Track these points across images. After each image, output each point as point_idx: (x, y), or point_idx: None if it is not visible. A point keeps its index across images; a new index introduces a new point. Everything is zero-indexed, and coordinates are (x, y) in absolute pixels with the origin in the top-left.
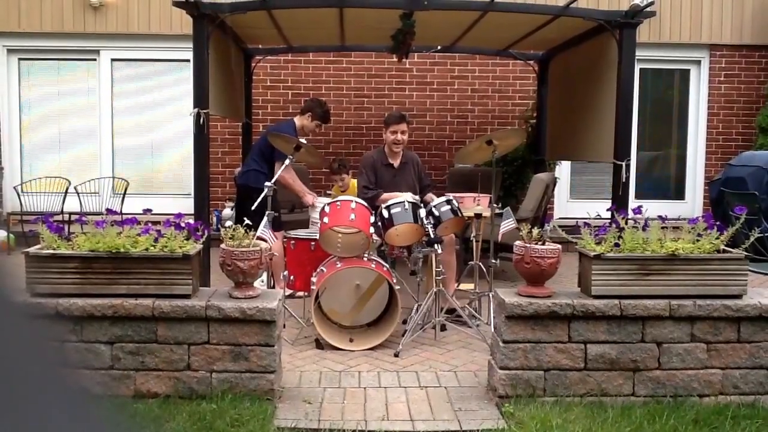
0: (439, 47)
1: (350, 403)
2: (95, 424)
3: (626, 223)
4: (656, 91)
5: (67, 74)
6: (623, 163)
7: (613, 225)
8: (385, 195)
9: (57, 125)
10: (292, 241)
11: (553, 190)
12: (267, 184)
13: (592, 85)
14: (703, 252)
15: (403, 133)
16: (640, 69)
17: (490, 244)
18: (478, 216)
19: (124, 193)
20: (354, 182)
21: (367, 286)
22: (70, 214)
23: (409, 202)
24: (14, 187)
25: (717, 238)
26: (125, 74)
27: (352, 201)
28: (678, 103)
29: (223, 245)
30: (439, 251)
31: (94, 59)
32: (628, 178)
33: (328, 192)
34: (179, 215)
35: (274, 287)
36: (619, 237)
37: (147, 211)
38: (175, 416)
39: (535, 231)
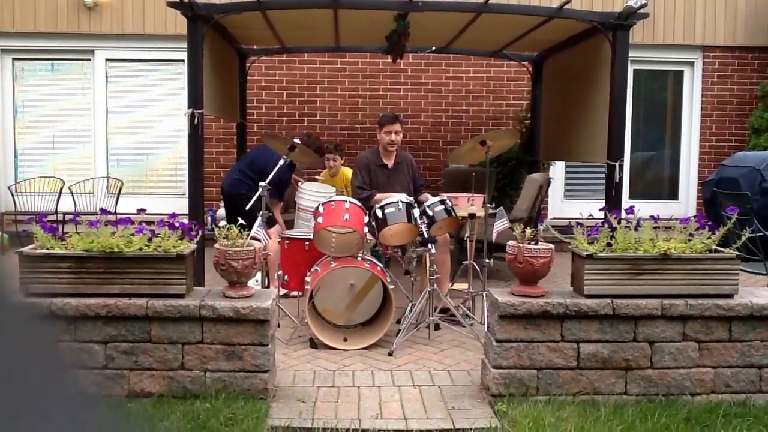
0: (433, 48)
1: (344, 402)
2: (93, 425)
3: (619, 223)
4: (650, 92)
5: (62, 74)
6: (616, 164)
7: (606, 225)
8: (378, 195)
9: (51, 125)
10: (287, 241)
11: (547, 190)
12: (261, 184)
13: (586, 86)
14: (694, 252)
15: (397, 133)
16: (634, 70)
17: (484, 244)
18: (472, 216)
19: (119, 193)
20: (345, 171)
21: (361, 285)
22: (65, 214)
23: (403, 202)
24: (8, 187)
25: (709, 238)
26: (120, 74)
27: (346, 201)
28: (671, 104)
29: (217, 245)
30: (433, 251)
31: (89, 59)
32: (621, 178)
33: (317, 177)
34: (173, 215)
35: (268, 286)
36: (612, 237)
37: (141, 210)
38: (169, 415)
39: (529, 231)
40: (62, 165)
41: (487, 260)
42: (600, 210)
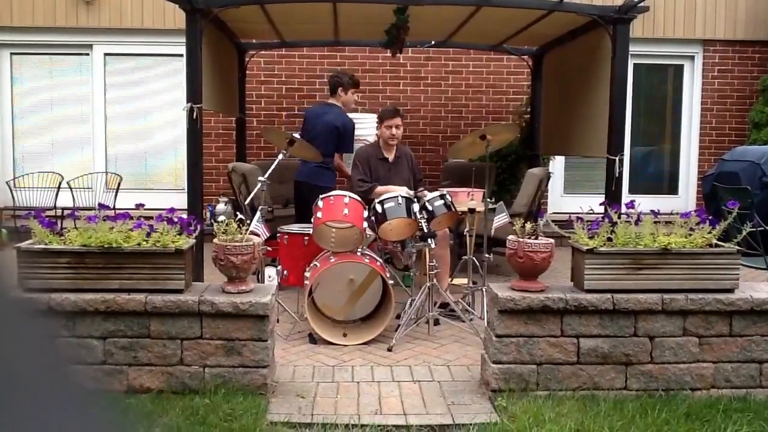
0: (433, 42)
1: (343, 398)
2: (92, 420)
3: (619, 218)
4: (650, 87)
5: (60, 69)
6: (616, 158)
7: (606, 219)
8: (379, 188)
9: (50, 120)
10: (286, 236)
11: (547, 184)
12: (260, 179)
13: (586, 80)
14: (695, 246)
15: (397, 127)
16: (634, 64)
17: (484, 239)
18: (472, 211)
19: (118, 188)
20: None
21: (361, 280)
22: (63, 209)
23: (402, 196)
24: (6, 182)
25: (709, 233)
26: (118, 69)
27: (345, 196)
28: (671, 98)
29: (215, 240)
30: (433, 246)
31: (87, 54)
32: (621, 173)
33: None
34: (172, 210)
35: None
36: (612, 231)
37: (139, 205)
38: (168, 411)
39: (528, 225)
40: (61, 160)
41: (486, 255)
42: (600, 204)
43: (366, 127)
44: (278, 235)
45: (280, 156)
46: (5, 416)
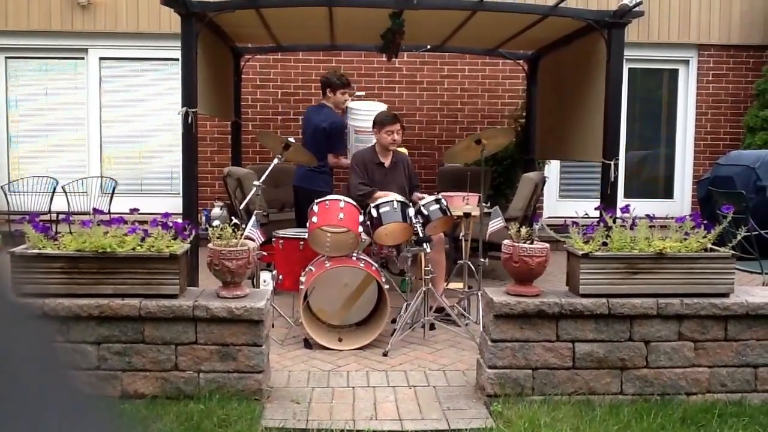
0: (428, 47)
1: (339, 403)
2: (90, 423)
3: (614, 222)
4: (645, 91)
5: (55, 73)
6: (612, 163)
7: (601, 224)
8: (378, 193)
9: (45, 124)
10: (281, 241)
11: (542, 189)
12: (255, 183)
13: (582, 84)
14: (690, 251)
15: (398, 133)
16: (629, 68)
17: (479, 243)
18: (467, 215)
19: (113, 193)
20: None
21: (356, 285)
22: (58, 213)
23: (398, 201)
24: (1, 187)
25: (704, 237)
26: (113, 73)
27: (340, 200)
28: (666, 102)
29: (210, 245)
30: (428, 250)
31: (82, 58)
32: (616, 177)
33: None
34: (166, 214)
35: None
36: (607, 236)
37: (134, 210)
38: (163, 417)
39: (524, 230)
40: (56, 164)
41: (482, 259)
42: (595, 209)
43: (368, 118)
44: (273, 239)
45: (276, 160)
46: (5, 416)
